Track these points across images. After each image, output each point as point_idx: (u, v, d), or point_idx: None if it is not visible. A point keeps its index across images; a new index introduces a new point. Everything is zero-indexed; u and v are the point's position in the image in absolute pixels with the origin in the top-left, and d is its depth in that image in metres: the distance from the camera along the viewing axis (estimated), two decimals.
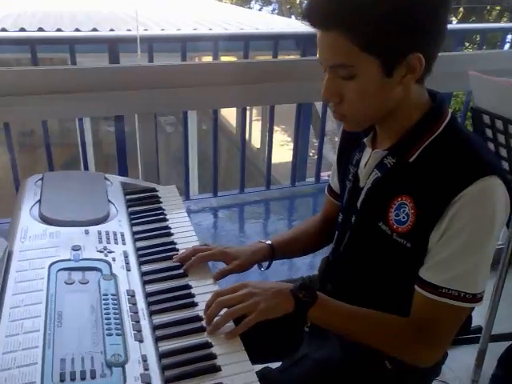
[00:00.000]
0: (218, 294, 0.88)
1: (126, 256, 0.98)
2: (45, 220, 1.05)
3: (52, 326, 0.77)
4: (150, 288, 0.95)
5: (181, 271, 0.99)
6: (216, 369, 0.77)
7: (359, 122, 0.91)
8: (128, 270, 0.94)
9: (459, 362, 1.71)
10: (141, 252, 1.05)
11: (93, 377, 0.70)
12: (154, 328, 0.84)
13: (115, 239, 1.03)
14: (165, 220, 1.18)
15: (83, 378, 0.69)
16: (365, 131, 0.97)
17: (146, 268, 1.00)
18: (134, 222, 1.16)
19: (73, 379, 0.69)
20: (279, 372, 0.96)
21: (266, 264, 1.12)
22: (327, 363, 0.96)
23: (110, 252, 0.98)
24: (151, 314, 0.88)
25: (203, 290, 0.96)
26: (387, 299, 0.92)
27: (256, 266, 1.09)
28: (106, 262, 0.95)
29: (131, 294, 0.88)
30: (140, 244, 1.08)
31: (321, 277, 1.11)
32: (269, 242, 1.10)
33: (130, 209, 1.20)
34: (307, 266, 2.28)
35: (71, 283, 0.87)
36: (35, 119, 2.38)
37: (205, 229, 2.67)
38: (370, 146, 0.97)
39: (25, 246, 0.96)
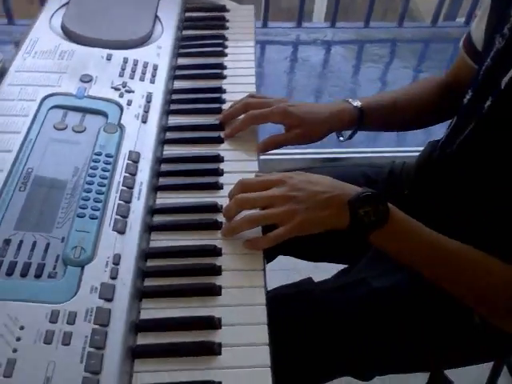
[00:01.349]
0: (242, 184, 0.61)
1: (148, 101, 0.72)
2: (64, 32, 0.80)
3: (13, 187, 0.57)
4: (169, 152, 0.70)
5: (215, 135, 0.72)
6: (215, 292, 0.55)
7: None
8: (143, 121, 0.69)
9: None
10: (174, 97, 0.78)
11: (37, 275, 0.50)
12: (149, 213, 0.61)
13: (143, 73, 0.76)
14: (222, 55, 0.87)
15: (23, 275, 0.50)
16: None
17: (172, 120, 0.75)
18: (180, 51, 0.87)
19: (9, 273, 0.50)
20: (324, 292, 0.71)
21: (347, 134, 0.81)
22: (390, 298, 0.69)
23: (129, 92, 0.72)
24: (156, 190, 0.65)
25: (237, 166, 0.69)
26: (499, 237, 0.59)
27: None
28: (117, 104, 0.70)
29: (133, 159, 0.63)
30: (176, 84, 0.80)
31: (407, 172, 0.77)
32: (357, 102, 0.76)
33: (183, 32, 0.91)
34: None
35: (62, 129, 0.65)
36: None
37: (311, 65, 2.29)
38: None
39: (25, 64, 0.73)
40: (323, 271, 0.83)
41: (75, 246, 0.53)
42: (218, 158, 0.69)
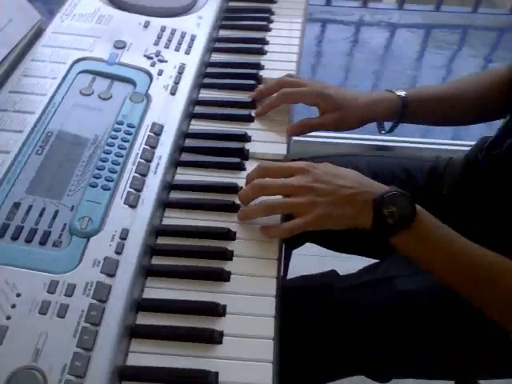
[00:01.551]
0: (262, 169, 0.57)
1: (180, 72, 0.69)
2: None
3: (30, 150, 0.56)
4: (195, 126, 0.67)
5: (245, 112, 0.69)
6: (222, 278, 0.52)
7: None
8: (172, 93, 0.66)
9: None
10: (209, 70, 0.75)
11: (42, 242, 0.49)
12: (166, 189, 0.58)
13: (179, 44, 0.73)
14: (265, 29, 0.82)
15: (28, 241, 0.49)
16: None
17: (204, 94, 0.71)
18: (222, 23, 0.83)
19: (14, 238, 0.49)
20: (344, 289, 0.66)
21: (388, 126, 0.74)
22: (416, 303, 0.64)
23: (162, 61, 0.70)
24: (177, 165, 0.62)
25: (264, 148, 0.65)
26: None
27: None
28: (147, 73, 0.67)
29: (155, 132, 0.61)
30: (214, 57, 0.77)
31: (451, 170, 0.70)
32: (402, 92, 0.70)
33: (229, 3, 0.86)
34: None
35: (87, 94, 0.63)
36: None
37: (372, 48, 2.18)
38: None
39: (61, 26, 0.71)
40: (357, 260, 0.79)
41: (83, 216, 0.51)
42: (244, 137, 0.65)
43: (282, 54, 0.78)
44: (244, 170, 0.62)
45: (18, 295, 0.45)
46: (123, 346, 0.46)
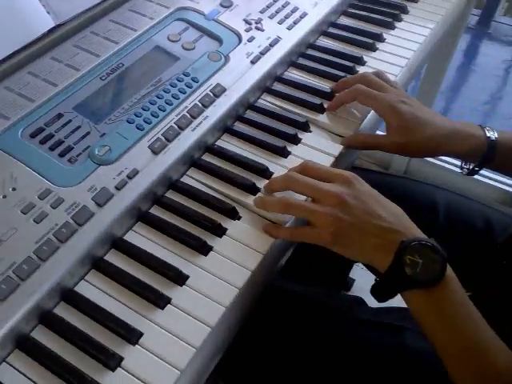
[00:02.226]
0: (304, 166, 0.52)
1: (272, 44, 0.67)
2: None
3: (97, 74, 0.59)
4: (263, 101, 0.65)
5: (320, 102, 0.63)
6: (202, 251, 0.50)
7: None
8: (252, 61, 0.64)
9: None
10: (309, 52, 0.71)
11: (62, 154, 0.52)
12: (200, 149, 0.58)
13: (285, 17, 0.70)
14: (388, 26, 0.75)
15: (52, 149, 0.52)
16: None
17: (290, 73, 0.68)
18: (348, 10, 0.77)
19: (42, 142, 0.53)
20: (350, 321, 0.59)
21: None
22: (421, 365, 0.54)
23: (259, 29, 0.68)
24: (225, 131, 0.61)
25: (318, 143, 0.60)
26: None
27: None
28: (238, 36, 0.66)
29: (215, 92, 0.60)
30: (320, 41, 0.73)
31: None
32: (494, 133, 0.58)
33: None
34: None
35: (174, 41, 0.65)
36: None
37: None
38: None
39: None
40: None
41: (106, 144, 0.54)
42: (303, 126, 0.61)
43: (392, 55, 0.70)
44: (285, 157, 0.58)
45: (14, 189, 0.49)
46: (78, 271, 0.47)
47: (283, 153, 0.58)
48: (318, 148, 0.59)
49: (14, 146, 0.52)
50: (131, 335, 0.44)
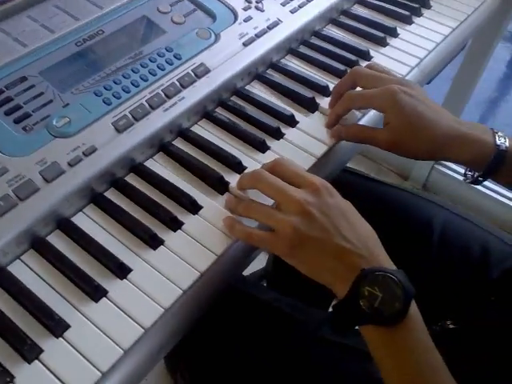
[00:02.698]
0: (277, 164, 0.46)
1: (270, 27, 0.61)
2: None
3: (72, 39, 0.54)
4: (251, 88, 0.59)
5: (311, 96, 0.57)
6: (152, 244, 0.46)
7: None
8: (245, 44, 0.59)
9: None
10: (312, 40, 0.65)
11: (17, 121, 0.47)
12: (171, 133, 0.53)
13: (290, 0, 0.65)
14: (405, 21, 0.68)
15: (7, 114, 0.48)
16: None
17: (286, 61, 0.62)
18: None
19: (8, 113, 0.48)
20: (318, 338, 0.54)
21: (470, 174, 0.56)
22: None
23: (258, 9, 0.62)
24: (203, 116, 0.56)
25: (301, 141, 0.54)
26: None
27: None
28: (234, 15, 0.61)
29: (197, 73, 0.55)
30: (327, 30, 0.66)
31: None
32: (506, 141, 0.51)
33: None
34: None
35: (163, 12, 0.59)
36: None
37: None
38: None
39: None
40: None
41: (66, 116, 0.49)
42: (289, 120, 0.56)
43: (403, 53, 0.64)
44: (263, 152, 0.53)
45: None
46: (13, 250, 0.43)
47: (262, 147, 0.53)
48: (300, 146, 0.54)
49: None
50: (53, 322, 0.40)
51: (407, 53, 0.64)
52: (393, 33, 0.66)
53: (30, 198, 0.44)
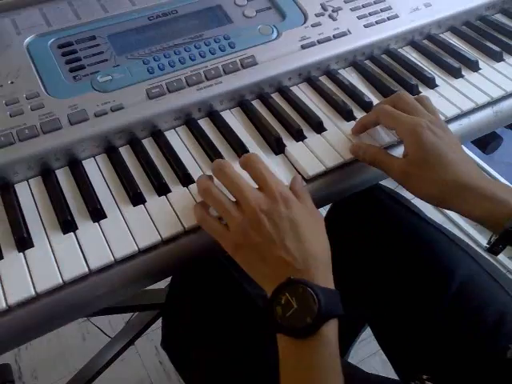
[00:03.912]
0: (248, 159, 0.46)
1: (336, 37, 0.59)
2: None
3: (149, 13, 0.60)
4: (293, 91, 0.59)
5: (348, 107, 0.55)
6: (133, 201, 0.48)
7: None
8: (303, 47, 0.58)
9: None
10: (383, 58, 0.62)
11: (72, 70, 0.54)
12: (193, 108, 0.54)
13: (369, 14, 0.62)
14: (495, 57, 0.60)
15: (67, 62, 0.55)
16: None
17: (342, 72, 0.60)
18: (458, 27, 0.65)
19: (65, 54, 0.55)
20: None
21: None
22: None
23: (331, 18, 0.61)
24: (238, 104, 0.57)
25: (304, 155, 0.52)
26: None
27: None
28: (304, 18, 0.61)
29: (243, 63, 0.56)
30: (403, 51, 0.62)
31: None
32: None
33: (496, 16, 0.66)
34: None
35: (239, 5, 0.62)
36: None
37: None
38: None
39: None
40: None
41: (110, 74, 0.55)
42: (317, 126, 0.54)
43: (475, 88, 0.57)
44: (277, 154, 0.52)
45: (12, 83, 0.53)
46: (23, 172, 0.50)
47: (277, 146, 0.53)
48: (314, 152, 0.52)
49: (38, 50, 0.56)
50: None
51: (465, 95, 0.57)
52: (473, 66, 0.59)
53: (50, 133, 0.50)
